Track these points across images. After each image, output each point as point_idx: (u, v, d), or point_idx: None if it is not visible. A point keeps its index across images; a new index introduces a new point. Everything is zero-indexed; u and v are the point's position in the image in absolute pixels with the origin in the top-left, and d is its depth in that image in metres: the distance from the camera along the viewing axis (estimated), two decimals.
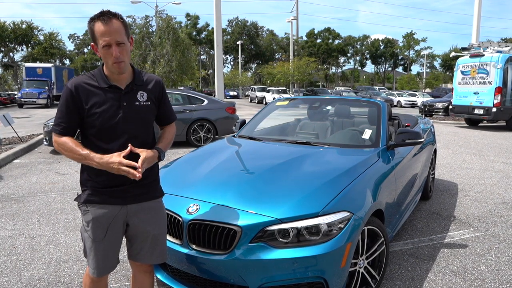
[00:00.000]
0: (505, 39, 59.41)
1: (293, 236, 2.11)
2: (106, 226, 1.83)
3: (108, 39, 1.68)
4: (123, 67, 1.75)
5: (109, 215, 1.83)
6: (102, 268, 1.87)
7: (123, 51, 1.73)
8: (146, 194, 1.91)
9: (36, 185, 5.67)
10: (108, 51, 1.70)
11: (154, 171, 1.96)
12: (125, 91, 1.81)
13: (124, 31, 1.73)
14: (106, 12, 1.71)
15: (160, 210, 1.98)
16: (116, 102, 1.79)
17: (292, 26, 45.92)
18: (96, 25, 1.69)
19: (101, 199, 1.82)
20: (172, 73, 20.58)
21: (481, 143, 10.05)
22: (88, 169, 1.83)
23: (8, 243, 3.56)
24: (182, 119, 9.10)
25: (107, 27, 1.67)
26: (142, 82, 1.89)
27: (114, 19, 1.70)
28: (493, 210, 4.54)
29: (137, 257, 1.96)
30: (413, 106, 29.84)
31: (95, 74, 1.82)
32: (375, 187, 2.63)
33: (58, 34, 54.42)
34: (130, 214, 1.87)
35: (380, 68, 79.18)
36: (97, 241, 1.83)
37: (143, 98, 1.86)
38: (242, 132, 3.93)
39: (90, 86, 1.78)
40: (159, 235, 1.96)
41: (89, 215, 1.83)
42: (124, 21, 1.75)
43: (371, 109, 3.79)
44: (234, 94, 45.42)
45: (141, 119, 1.85)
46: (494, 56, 12.83)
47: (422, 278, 2.88)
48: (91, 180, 1.83)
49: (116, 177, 1.78)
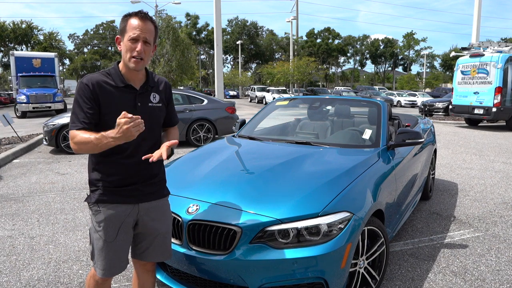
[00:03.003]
0: (505, 39, 59.44)
1: (293, 236, 2.10)
2: (118, 225, 1.82)
3: (139, 33, 1.71)
4: (140, 65, 1.76)
5: (122, 214, 1.82)
6: (112, 268, 1.85)
7: (147, 51, 1.76)
8: (156, 193, 1.93)
9: (36, 185, 5.66)
10: (133, 45, 1.72)
11: (162, 169, 1.99)
12: (140, 92, 1.82)
13: (154, 35, 1.79)
14: (145, 12, 1.77)
15: (168, 209, 2.02)
16: (131, 102, 1.79)
17: (292, 26, 45.94)
18: (132, 19, 1.73)
19: (113, 198, 1.81)
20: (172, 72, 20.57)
21: (481, 143, 10.04)
22: (99, 169, 1.81)
23: (7, 243, 3.55)
24: (182, 119, 9.09)
25: (143, 23, 1.73)
26: (154, 84, 1.91)
27: (150, 21, 1.77)
28: (493, 210, 4.53)
29: (143, 255, 1.96)
30: (413, 106, 29.84)
31: (110, 73, 1.80)
32: (375, 187, 2.62)
33: (58, 34, 54.51)
34: (141, 212, 1.88)
35: (380, 68, 79.19)
36: (109, 241, 1.81)
37: (155, 99, 1.88)
38: (242, 132, 3.93)
39: (106, 84, 1.76)
40: (167, 233, 1.99)
41: (101, 215, 1.80)
42: (156, 26, 1.82)
43: (371, 109, 3.78)
44: (234, 94, 45.39)
45: (153, 120, 1.86)
46: (494, 56, 12.82)
47: (422, 279, 2.88)
48: (102, 180, 1.81)
49: (127, 176, 1.80)
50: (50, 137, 8.03)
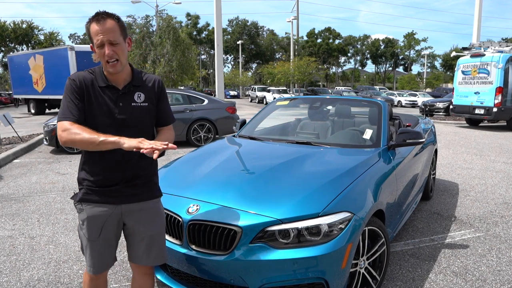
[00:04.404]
0: (506, 39, 59.34)
1: (294, 236, 2.09)
2: (101, 225, 1.84)
3: (101, 38, 1.67)
4: (118, 67, 1.74)
5: (103, 214, 1.83)
6: (98, 266, 1.89)
7: (118, 51, 1.71)
8: (140, 195, 1.89)
9: (36, 185, 5.66)
10: (102, 50, 1.70)
11: (148, 172, 1.92)
12: (122, 92, 1.81)
13: (120, 31, 1.72)
14: (102, 12, 1.71)
15: (157, 211, 1.95)
16: (112, 102, 1.78)
17: (293, 26, 45.91)
18: (92, 25, 1.69)
19: (95, 198, 1.83)
20: (172, 72, 20.55)
21: (482, 143, 10.03)
22: (85, 168, 1.84)
23: (7, 243, 3.55)
24: (182, 119, 9.09)
25: (101, 26, 1.67)
26: (141, 83, 1.87)
27: (108, 19, 1.69)
28: (494, 210, 4.52)
29: (135, 258, 1.95)
30: (414, 106, 29.84)
31: (95, 72, 1.82)
32: (376, 187, 2.62)
33: (58, 34, 54.56)
34: (124, 214, 1.87)
35: (381, 68, 79.18)
36: (91, 240, 1.85)
37: (140, 98, 1.84)
38: (243, 132, 3.92)
39: (90, 83, 1.78)
40: (156, 235, 1.93)
41: (84, 213, 1.84)
42: (120, 21, 1.74)
43: (371, 109, 3.78)
44: (235, 94, 45.42)
45: (138, 120, 1.83)
46: (495, 56, 12.81)
47: (423, 279, 2.87)
48: (87, 179, 1.83)
49: (110, 177, 1.80)
50: (51, 137, 8.03)
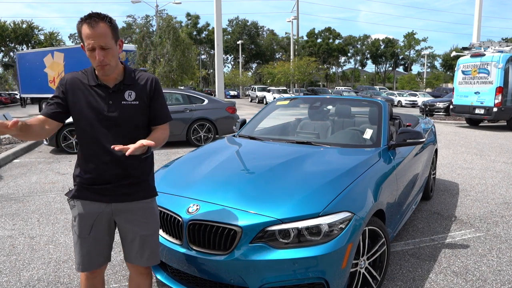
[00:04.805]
0: (506, 38, 59.33)
1: (294, 236, 2.09)
2: (91, 223, 1.85)
3: (92, 42, 1.66)
4: (107, 70, 1.76)
5: (93, 212, 1.85)
6: (86, 264, 1.89)
7: (108, 55, 1.71)
8: (133, 195, 1.88)
9: (36, 185, 5.66)
10: (93, 54, 1.70)
11: (139, 171, 1.89)
12: (112, 90, 1.81)
13: (111, 35, 1.71)
14: (94, 14, 1.69)
15: (150, 211, 1.93)
16: (103, 100, 1.80)
17: (293, 26, 45.87)
18: (83, 27, 1.67)
19: (86, 195, 1.85)
20: (172, 72, 20.51)
21: (482, 143, 10.03)
22: (79, 165, 1.86)
23: (7, 243, 3.55)
24: (182, 119, 9.09)
25: (93, 30, 1.65)
26: (133, 81, 1.86)
27: (101, 22, 1.67)
28: (494, 210, 4.52)
29: (129, 258, 1.95)
30: (414, 106, 29.83)
31: (87, 72, 1.85)
32: (376, 187, 2.61)
33: (58, 34, 54.59)
34: (115, 213, 1.87)
35: (381, 68, 79.16)
36: (82, 237, 1.86)
37: (131, 97, 1.83)
38: (243, 132, 3.92)
39: (80, 82, 1.81)
40: (148, 236, 1.91)
41: (75, 210, 1.87)
42: (112, 24, 1.72)
43: (372, 108, 3.77)
44: (235, 93, 45.42)
45: (127, 118, 1.82)
46: (495, 56, 12.81)
47: (424, 279, 2.87)
48: (80, 176, 1.86)
49: (102, 175, 1.81)
50: (51, 136, 8.03)
